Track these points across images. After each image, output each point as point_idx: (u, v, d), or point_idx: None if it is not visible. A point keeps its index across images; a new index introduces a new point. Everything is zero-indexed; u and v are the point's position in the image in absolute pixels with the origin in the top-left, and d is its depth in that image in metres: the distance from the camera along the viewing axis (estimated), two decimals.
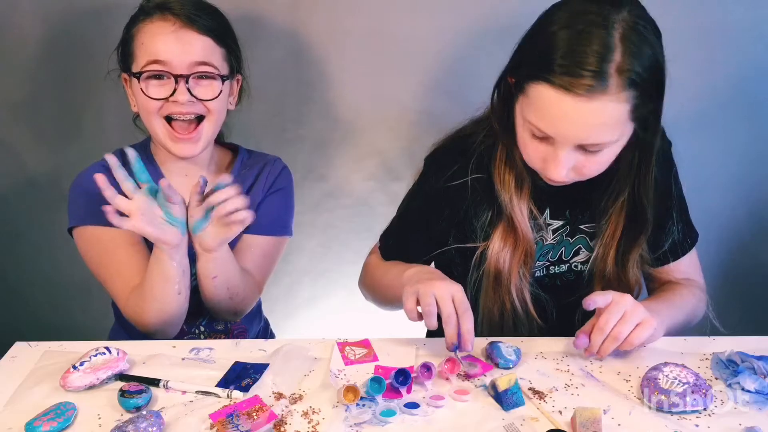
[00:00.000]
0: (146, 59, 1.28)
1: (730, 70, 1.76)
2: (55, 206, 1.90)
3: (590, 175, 1.18)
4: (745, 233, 1.93)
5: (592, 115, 1.08)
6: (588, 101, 1.07)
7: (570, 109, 1.08)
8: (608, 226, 1.29)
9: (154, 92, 1.28)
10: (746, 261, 1.96)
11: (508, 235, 1.27)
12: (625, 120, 1.11)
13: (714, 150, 1.83)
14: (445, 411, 1.06)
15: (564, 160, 1.14)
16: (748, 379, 1.08)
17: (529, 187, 1.27)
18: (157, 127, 1.31)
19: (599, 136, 1.12)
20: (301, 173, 1.88)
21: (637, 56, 1.08)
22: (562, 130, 1.11)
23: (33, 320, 1.95)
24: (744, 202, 1.90)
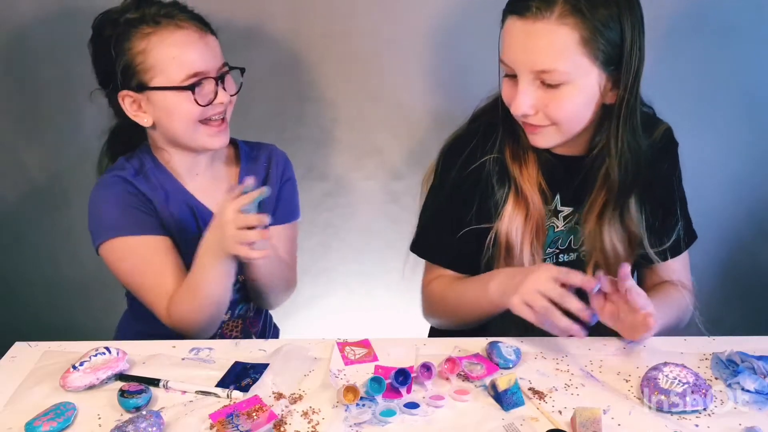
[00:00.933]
0: (185, 72, 1.27)
1: (730, 70, 1.76)
2: (54, 206, 1.91)
3: (557, 118, 1.21)
4: (744, 233, 1.93)
5: (538, 37, 1.16)
6: (534, 22, 1.15)
7: (520, 32, 1.17)
8: (592, 194, 1.30)
9: (202, 101, 1.29)
10: (746, 261, 1.96)
11: (518, 206, 1.30)
12: (574, 49, 1.15)
13: (714, 150, 1.83)
14: (445, 411, 1.06)
15: (523, 91, 1.19)
16: (748, 379, 1.08)
17: (535, 160, 1.30)
18: (197, 130, 1.31)
19: (548, 61, 1.16)
20: (301, 172, 1.88)
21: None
22: (515, 55, 1.19)
23: (33, 320, 1.95)
24: (744, 202, 1.90)
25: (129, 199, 1.32)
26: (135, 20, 1.27)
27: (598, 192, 1.29)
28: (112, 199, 1.32)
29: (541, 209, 1.30)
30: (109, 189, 1.33)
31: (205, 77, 1.29)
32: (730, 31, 1.72)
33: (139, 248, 1.31)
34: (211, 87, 1.29)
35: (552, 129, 1.23)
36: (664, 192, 1.35)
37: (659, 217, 1.34)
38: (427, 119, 1.81)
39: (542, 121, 1.22)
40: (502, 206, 1.30)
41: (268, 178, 1.45)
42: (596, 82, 1.20)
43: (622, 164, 1.25)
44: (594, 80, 1.19)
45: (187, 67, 1.27)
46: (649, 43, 1.71)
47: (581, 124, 1.24)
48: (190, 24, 1.29)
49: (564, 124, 1.22)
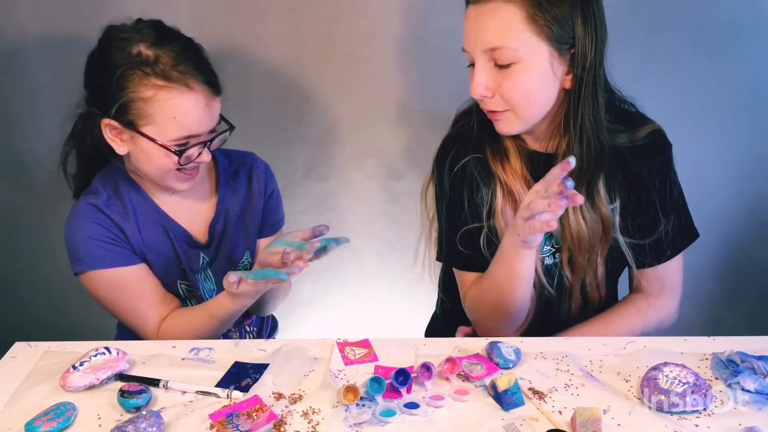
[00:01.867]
0: (179, 134, 1.25)
1: (730, 70, 1.76)
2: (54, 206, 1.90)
3: (511, 98, 1.23)
4: (745, 233, 1.93)
5: (486, 16, 1.20)
6: (484, 4, 1.21)
7: (473, 15, 1.23)
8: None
9: (183, 161, 1.28)
10: (746, 261, 1.96)
11: (506, 202, 1.32)
12: (520, 26, 1.18)
13: (714, 150, 1.83)
14: (445, 411, 1.06)
15: (478, 73, 1.23)
16: (748, 379, 1.08)
17: (517, 155, 1.32)
18: (168, 175, 1.30)
19: (496, 38, 1.20)
20: (301, 173, 1.89)
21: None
22: (469, 38, 1.24)
23: (33, 320, 1.95)
24: (744, 202, 1.90)
25: (100, 231, 1.32)
26: (148, 67, 1.22)
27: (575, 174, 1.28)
28: (84, 233, 1.31)
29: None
30: (81, 219, 1.32)
31: (195, 139, 1.27)
32: (731, 30, 1.72)
33: (112, 280, 1.33)
34: (196, 148, 1.29)
35: (510, 114, 1.25)
36: (647, 191, 1.33)
37: (638, 215, 1.33)
38: (427, 119, 1.81)
39: (498, 105, 1.24)
40: (493, 204, 1.32)
41: (250, 194, 1.45)
42: (547, 61, 1.21)
43: (583, 145, 1.26)
44: (544, 59, 1.21)
45: (182, 130, 1.25)
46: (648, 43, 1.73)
47: (540, 107, 1.25)
48: (201, 87, 1.24)
49: (519, 106, 1.24)
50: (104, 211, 1.33)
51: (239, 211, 1.44)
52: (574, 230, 1.30)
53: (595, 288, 1.37)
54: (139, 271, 1.35)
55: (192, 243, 1.40)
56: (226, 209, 1.43)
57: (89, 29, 1.31)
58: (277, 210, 1.51)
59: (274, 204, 1.49)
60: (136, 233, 1.35)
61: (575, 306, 1.38)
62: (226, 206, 1.43)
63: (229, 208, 1.43)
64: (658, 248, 1.35)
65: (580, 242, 1.31)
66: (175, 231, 1.38)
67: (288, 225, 1.96)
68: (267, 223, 1.48)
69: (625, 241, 1.33)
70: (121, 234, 1.33)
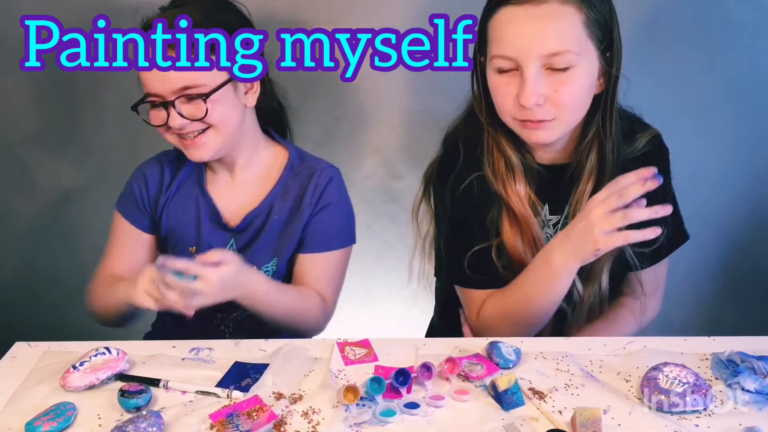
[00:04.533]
0: (144, 89, 1.30)
1: (730, 70, 1.76)
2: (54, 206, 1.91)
3: (566, 104, 1.19)
4: (745, 234, 1.93)
5: (545, 19, 1.15)
6: (537, 6, 1.15)
7: (524, 18, 1.16)
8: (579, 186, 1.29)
9: (154, 119, 1.31)
10: (746, 261, 1.96)
11: (513, 224, 1.29)
12: (580, 30, 1.16)
13: (714, 150, 1.83)
14: (445, 411, 1.06)
15: (532, 81, 1.16)
16: (748, 379, 1.08)
17: (521, 173, 1.29)
18: (172, 140, 1.34)
19: (558, 43, 1.15)
20: None
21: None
22: (521, 43, 1.16)
23: (33, 320, 1.95)
24: (744, 202, 1.90)
25: (141, 190, 1.42)
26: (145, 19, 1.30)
27: (586, 182, 1.28)
28: (134, 183, 1.43)
29: (534, 223, 1.30)
30: (142, 170, 1.44)
31: (156, 100, 1.29)
32: (731, 31, 1.72)
33: (119, 226, 1.44)
34: (160, 111, 1.29)
35: (556, 122, 1.21)
36: (649, 196, 1.33)
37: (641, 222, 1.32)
38: (427, 119, 1.81)
39: (548, 114, 1.20)
40: (500, 224, 1.30)
41: (300, 201, 1.39)
42: (595, 67, 1.20)
43: (614, 145, 1.26)
44: (595, 64, 1.20)
45: (145, 87, 1.29)
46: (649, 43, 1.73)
47: (582, 113, 1.24)
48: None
49: (569, 111, 1.21)
50: (163, 169, 1.42)
51: (284, 214, 1.39)
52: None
53: (598, 301, 1.36)
54: (140, 237, 1.43)
55: (221, 224, 1.40)
56: (270, 206, 1.39)
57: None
58: (329, 227, 1.39)
59: (324, 219, 1.39)
60: (164, 205, 1.41)
61: (583, 319, 1.37)
62: (272, 203, 1.39)
63: (274, 207, 1.39)
64: (656, 253, 1.36)
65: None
66: (206, 208, 1.40)
67: None
68: (311, 238, 1.38)
69: (632, 249, 1.32)
70: (150, 200, 1.42)
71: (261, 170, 1.42)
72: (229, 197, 1.41)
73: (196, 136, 1.30)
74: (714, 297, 2.01)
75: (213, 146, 1.32)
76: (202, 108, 1.27)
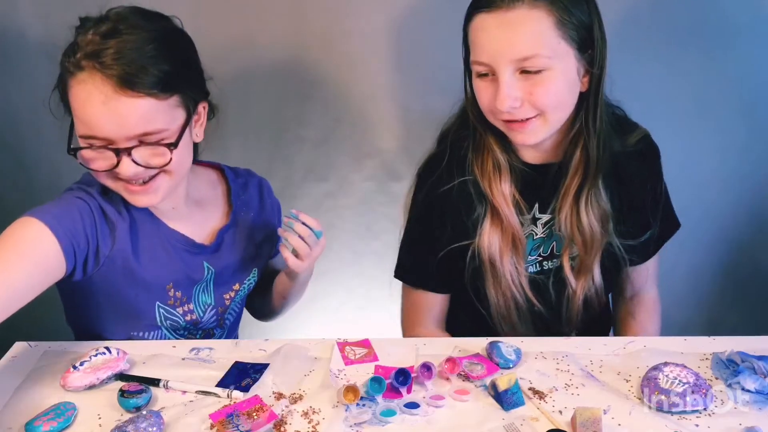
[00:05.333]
0: (82, 129, 1.11)
1: (730, 70, 1.76)
2: None
3: (544, 105, 1.20)
4: (745, 233, 1.93)
5: (515, 24, 1.16)
6: (506, 12, 1.16)
7: (495, 25, 1.17)
8: (566, 180, 1.30)
9: (97, 164, 1.12)
10: (746, 261, 1.96)
11: (494, 222, 1.31)
12: (551, 32, 1.17)
13: (714, 149, 1.83)
14: (446, 411, 1.06)
15: (506, 85, 1.18)
16: (749, 379, 1.08)
17: (508, 173, 1.30)
18: (115, 184, 1.16)
19: (529, 47, 1.16)
20: (301, 173, 1.89)
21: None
22: (492, 48, 1.18)
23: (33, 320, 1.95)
24: (744, 202, 1.90)
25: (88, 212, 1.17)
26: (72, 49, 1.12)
27: (572, 177, 1.29)
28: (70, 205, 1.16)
29: (516, 223, 1.30)
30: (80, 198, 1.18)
31: (103, 145, 1.10)
32: (730, 30, 1.72)
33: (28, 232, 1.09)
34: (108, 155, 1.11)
35: (539, 121, 1.22)
36: (637, 194, 1.36)
37: (630, 218, 1.35)
38: (427, 119, 1.80)
39: (529, 112, 1.21)
40: (481, 223, 1.31)
41: (262, 210, 1.39)
42: (574, 67, 1.21)
43: (600, 141, 1.27)
44: (572, 64, 1.20)
45: (82, 126, 1.11)
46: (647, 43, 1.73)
47: (565, 111, 1.24)
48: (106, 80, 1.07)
49: (550, 111, 1.22)
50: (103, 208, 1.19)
51: (251, 226, 1.36)
52: (587, 230, 1.31)
53: (594, 294, 1.37)
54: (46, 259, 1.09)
55: (194, 249, 1.28)
56: (237, 220, 1.35)
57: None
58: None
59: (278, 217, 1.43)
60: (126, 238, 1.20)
61: (578, 311, 1.38)
62: (238, 216, 1.35)
63: (241, 220, 1.35)
64: (646, 246, 1.39)
65: (593, 241, 1.31)
66: (174, 240, 1.26)
67: None
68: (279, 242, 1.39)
69: (619, 242, 1.34)
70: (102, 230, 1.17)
71: (205, 192, 1.33)
72: (190, 224, 1.29)
73: (146, 181, 1.15)
74: (714, 297, 2.01)
75: (164, 191, 1.18)
76: (166, 155, 1.13)
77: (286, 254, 1.25)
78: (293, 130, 1.84)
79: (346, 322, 2.00)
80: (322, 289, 1.98)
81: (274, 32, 1.73)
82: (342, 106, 1.82)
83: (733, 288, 1.99)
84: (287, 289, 1.39)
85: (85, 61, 1.09)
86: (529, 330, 1.36)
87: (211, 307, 1.32)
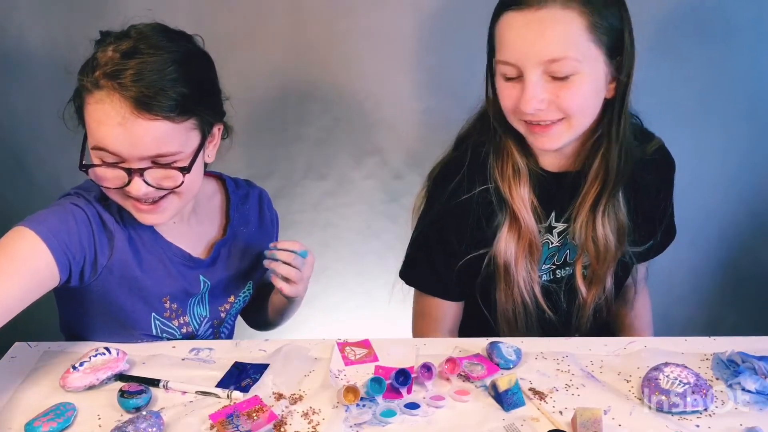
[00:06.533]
0: (94, 142, 1.11)
1: (731, 69, 1.76)
2: None
3: (570, 109, 1.17)
4: (745, 233, 1.93)
5: (545, 24, 1.13)
6: (537, 11, 1.13)
7: (524, 24, 1.14)
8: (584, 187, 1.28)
9: (108, 181, 1.12)
10: (747, 261, 1.96)
11: (512, 226, 1.28)
12: (581, 35, 1.14)
13: (715, 149, 1.83)
14: (446, 411, 1.06)
15: (533, 86, 1.15)
16: (749, 379, 1.08)
17: (527, 178, 1.27)
18: (124, 200, 1.16)
19: (558, 48, 1.13)
20: (301, 172, 1.89)
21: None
22: (522, 49, 1.15)
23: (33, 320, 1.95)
24: (744, 201, 1.90)
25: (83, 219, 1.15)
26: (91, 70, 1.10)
27: (591, 185, 1.28)
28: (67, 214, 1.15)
29: (534, 228, 1.29)
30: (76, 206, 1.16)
31: (115, 162, 1.10)
32: (731, 30, 1.72)
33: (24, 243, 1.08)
34: (117, 173, 1.10)
35: (563, 126, 1.19)
36: (651, 204, 1.36)
37: (642, 226, 1.35)
38: (427, 119, 1.81)
39: (554, 115, 1.18)
40: (500, 230, 1.29)
41: (262, 223, 1.38)
42: (602, 72, 1.18)
43: (622, 151, 1.25)
44: (601, 69, 1.17)
45: (95, 140, 1.10)
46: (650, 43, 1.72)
47: (590, 117, 1.22)
48: (124, 101, 1.06)
49: (575, 116, 1.19)
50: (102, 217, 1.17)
51: (248, 240, 1.34)
52: (601, 241, 1.29)
53: (604, 302, 1.37)
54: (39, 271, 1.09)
55: (191, 263, 1.26)
56: (235, 233, 1.32)
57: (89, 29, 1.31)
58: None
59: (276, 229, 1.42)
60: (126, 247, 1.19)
61: (588, 320, 1.37)
62: (235, 230, 1.33)
63: (239, 233, 1.33)
64: (647, 252, 1.40)
65: (607, 253, 1.30)
66: (171, 253, 1.24)
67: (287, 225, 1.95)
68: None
69: (629, 249, 1.34)
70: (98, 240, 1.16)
71: (203, 202, 1.31)
72: (188, 237, 1.27)
73: (156, 201, 1.15)
74: (714, 297, 2.01)
75: (172, 211, 1.18)
76: (178, 178, 1.12)
77: (280, 284, 1.24)
78: (293, 129, 1.84)
79: (346, 321, 2.00)
80: (322, 289, 1.98)
81: (274, 32, 1.73)
82: (342, 105, 1.82)
83: (734, 288, 1.99)
84: (283, 306, 1.39)
85: (103, 80, 1.08)
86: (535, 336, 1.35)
87: (206, 319, 1.31)
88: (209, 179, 1.35)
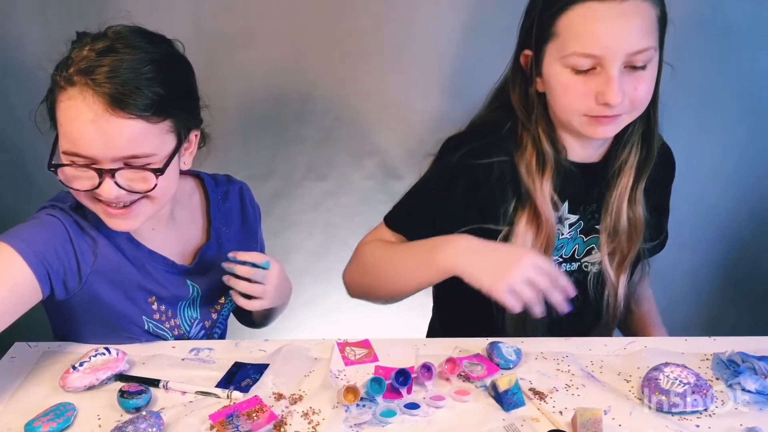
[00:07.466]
0: (66, 146, 1.07)
1: (731, 69, 1.76)
2: None
3: (643, 100, 1.19)
4: (745, 233, 1.93)
5: (629, 15, 1.12)
6: (621, 2, 1.12)
7: (611, 16, 1.12)
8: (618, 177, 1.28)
9: (78, 183, 1.08)
10: (746, 261, 1.96)
11: (531, 220, 1.26)
12: (655, 27, 1.16)
13: (714, 149, 1.83)
14: (446, 411, 1.06)
15: (617, 79, 1.13)
16: (749, 379, 1.08)
17: (552, 170, 1.25)
18: (88, 204, 1.13)
19: (642, 39, 1.14)
20: (301, 172, 1.89)
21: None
22: (607, 42, 1.13)
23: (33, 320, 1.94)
24: (744, 200, 1.90)
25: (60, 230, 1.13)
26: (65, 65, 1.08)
27: (626, 178, 1.28)
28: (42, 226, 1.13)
29: (554, 222, 1.27)
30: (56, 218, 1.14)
31: (86, 164, 1.07)
32: (731, 30, 1.72)
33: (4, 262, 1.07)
34: (90, 174, 1.07)
35: (627, 116, 1.20)
36: (660, 197, 1.38)
37: (653, 218, 1.35)
38: (427, 119, 1.81)
39: (625, 108, 1.18)
40: (514, 215, 1.27)
41: (245, 219, 1.35)
42: (658, 61, 1.19)
43: (653, 141, 1.27)
44: (657, 58, 1.19)
45: (66, 142, 1.07)
46: None
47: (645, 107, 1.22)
48: (96, 97, 1.04)
49: (641, 107, 1.20)
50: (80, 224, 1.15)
51: (232, 240, 1.31)
52: (632, 221, 1.29)
53: (614, 302, 1.35)
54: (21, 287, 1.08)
55: (175, 269, 1.24)
56: (218, 236, 1.30)
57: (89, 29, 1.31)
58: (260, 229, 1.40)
59: (259, 224, 1.39)
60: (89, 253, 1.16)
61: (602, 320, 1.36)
62: (218, 232, 1.30)
63: (221, 234, 1.31)
64: (655, 248, 1.41)
65: (637, 234, 1.30)
66: (154, 261, 1.22)
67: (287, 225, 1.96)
68: (261, 242, 1.39)
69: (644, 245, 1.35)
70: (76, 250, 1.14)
71: (182, 204, 1.27)
72: (168, 243, 1.25)
73: (128, 205, 1.11)
74: (714, 297, 2.01)
75: (144, 216, 1.14)
76: (150, 181, 1.09)
77: (241, 301, 1.22)
78: (293, 129, 1.84)
79: (346, 322, 2.00)
80: (322, 289, 1.98)
81: (274, 32, 1.73)
82: (342, 105, 1.82)
83: (734, 287, 1.99)
84: (263, 311, 1.35)
85: (77, 76, 1.05)
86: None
87: (197, 321, 1.30)
88: (186, 178, 1.31)
